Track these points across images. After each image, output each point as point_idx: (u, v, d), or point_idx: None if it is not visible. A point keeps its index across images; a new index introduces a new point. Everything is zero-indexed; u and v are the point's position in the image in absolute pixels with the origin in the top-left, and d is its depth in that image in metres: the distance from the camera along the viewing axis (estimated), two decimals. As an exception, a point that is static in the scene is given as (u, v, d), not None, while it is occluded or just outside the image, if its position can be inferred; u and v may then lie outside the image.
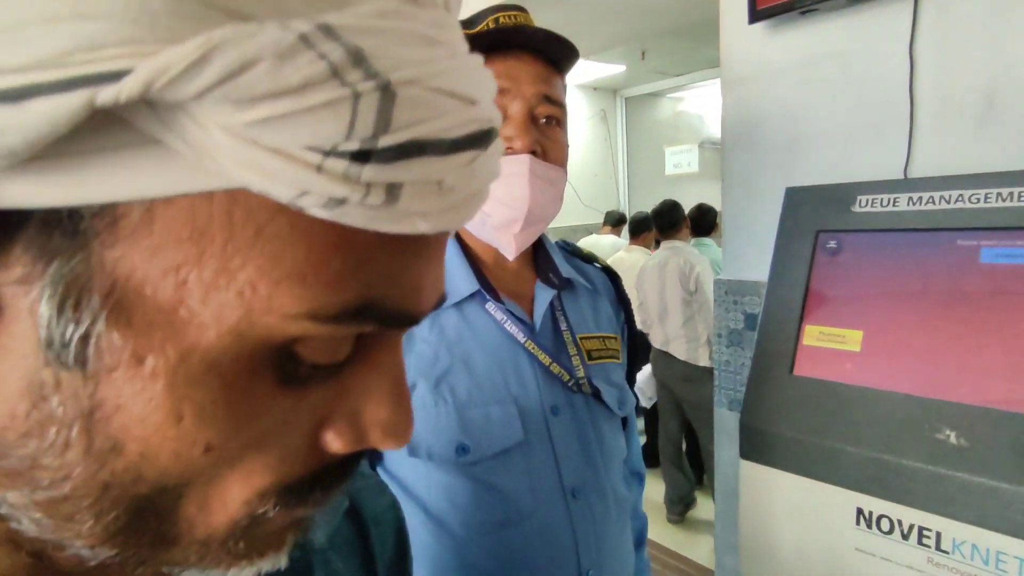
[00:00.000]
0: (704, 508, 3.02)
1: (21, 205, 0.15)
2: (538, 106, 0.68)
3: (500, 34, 0.67)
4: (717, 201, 3.23)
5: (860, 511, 0.77)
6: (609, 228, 4.21)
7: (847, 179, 1.09)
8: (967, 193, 0.82)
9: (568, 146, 0.75)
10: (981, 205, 0.80)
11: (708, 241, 3.24)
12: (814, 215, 0.94)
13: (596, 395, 0.74)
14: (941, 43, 1.05)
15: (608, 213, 4.42)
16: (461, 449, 0.66)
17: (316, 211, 0.16)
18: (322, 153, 0.15)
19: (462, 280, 0.71)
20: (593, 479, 0.72)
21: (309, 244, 0.17)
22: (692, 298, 2.71)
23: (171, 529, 0.20)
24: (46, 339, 0.16)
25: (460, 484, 0.67)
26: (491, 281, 0.73)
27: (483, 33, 0.67)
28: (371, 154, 0.16)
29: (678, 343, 2.76)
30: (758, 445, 0.88)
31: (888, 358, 0.80)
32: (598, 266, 0.89)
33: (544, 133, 0.69)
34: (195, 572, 0.21)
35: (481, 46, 0.66)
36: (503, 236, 0.69)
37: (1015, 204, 0.78)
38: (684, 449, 3.05)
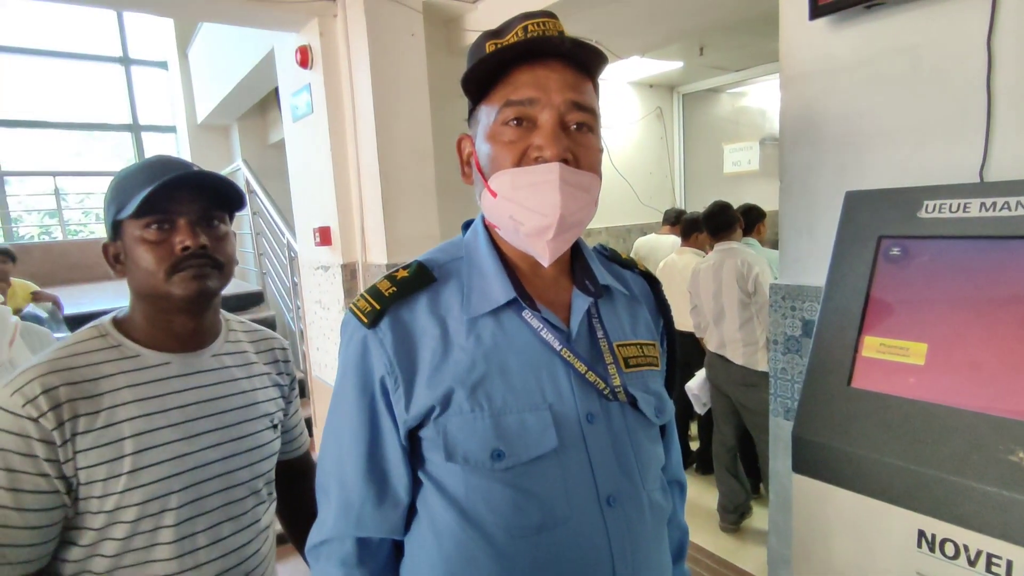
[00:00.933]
0: (759, 517, 2.93)
1: None
2: (568, 113, 0.68)
3: (527, 44, 0.67)
4: (776, 201, 3.14)
5: (922, 533, 0.74)
6: (669, 228, 4.05)
7: (913, 182, 1.03)
8: (1049, 197, 0.76)
9: (603, 151, 0.74)
10: (1065, 210, 0.74)
11: (752, 241, 3.13)
12: (876, 220, 0.90)
13: (632, 403, 0.73)
14: (1023, 35, 0.98)
15: (667, 212, 4.29)
16: (496, 455, 0.67)
17: None
18: None
19: (499, 288, 0.72)
20: (629, 488, 0.72)
21: None
22: (751, 300, 2.62)
23: None
24: None
25: (496, 489, 0.68)
26: (528, 289, 0.74)
27: (510, 46, 0.68)
28: None
29: (735, 347, 2.68)
30: (812, 458, 0.85)
31: (956, 373, 0.75)
32: (638, 271, 0.88)
33: (575, 140, 0.69)
34: None
35: (509, 57, 0.68)
36: (536, 244, 0.69)
37: (1104, 209, 0.72)
38: (739, 456, 2.96)
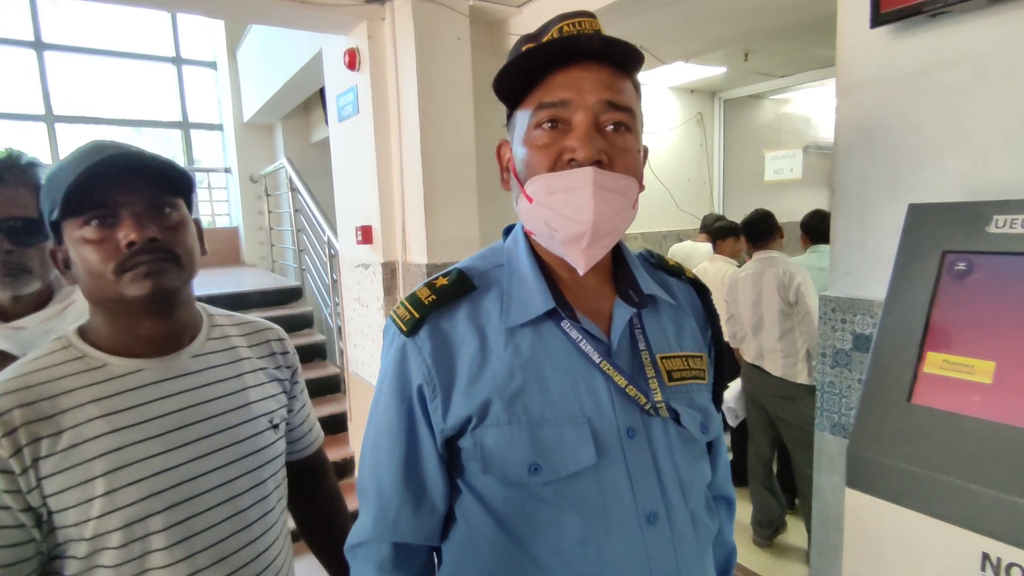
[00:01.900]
0: (794, 533, 2.87)
1: None
2: (603, 113, 0.65)
3: (555, 45, 0.65)
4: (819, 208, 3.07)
5: (986, 556, 0.72)
6: (705, 236, 3.97)
7: (975, 196, 1.00)
8: None
9: (642, 151, 0.72)
10: None
11: (825, 248, 3.08)
12: (941, 234, 0.88)
13: (676, 419, 0.71)
14: (1101, 46, 0.95)
15: (705, 218, 4.22)
16: (534, 469, 0.66)
17: None
18: None
19: (538, 298, 0.70)
20: (671, 505, 0.70)
21: None
22: (792, 310, 2.57)
23: None
24: None
25: (534, 503, 0.67)
26: (569, 298, 0.72)
27: (539, 47, 0.65)
28: None
29: (773, 358, 2.64)
30: (869, 474, 0.83)
31: (1025, 393, 0.73)
32: (686, 279, 0.85)
33: (611, 141, 0.66)
34: None
35: (540, 59, 0.66)
36: (572, 251, 0.67)
37: None
38: (775, 470, 2.90)
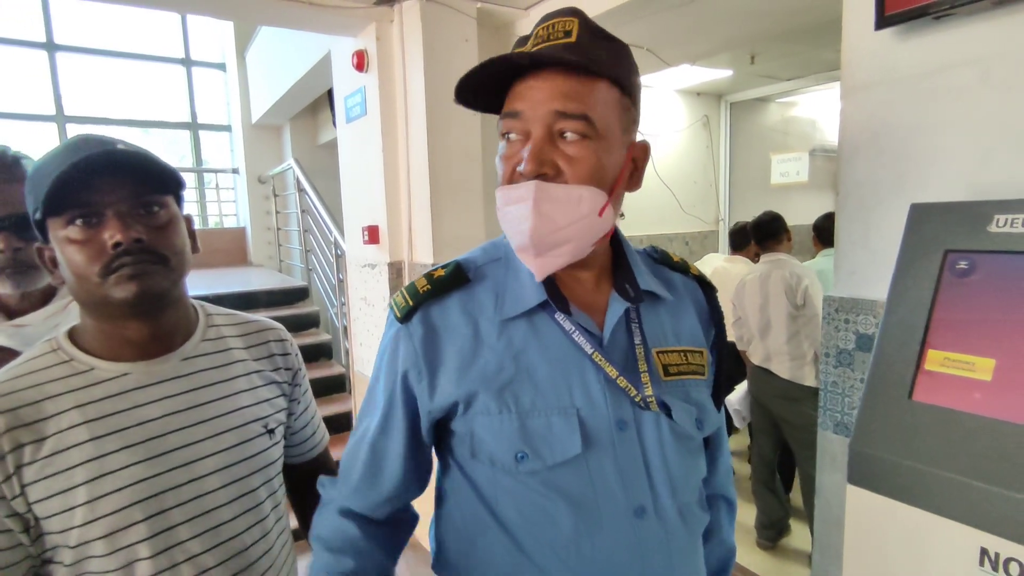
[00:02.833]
0: (797, 535, 2.86)
1: None
2: (556, 123, 0.64)
3: (493, 64, 0.66)
4: (823, 212, 3.06)
5: (984, 551, 0.72)
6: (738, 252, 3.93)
7: (977, 196, 1.01)
8: None
9: (603, 157, 0.66)
10: None
11: (832, 252, 3.08)
12: (943, 233, 0.89)
13: (668, 413, 0.71)
14: (1104, 48, 0.95)
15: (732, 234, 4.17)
16: (520, 456, 0.67)
17: None
18: None
19: (531, 291, 0.71)
20: (661, 499, 0.70)
21: None
22: (799, 313, 2.57)
23: None
24: None
25: (523, 492, 0.68)
26: (565, 292, 0.73)
27: (479, 68, 0.66)
28: None
29: (780, 360, 2.63)
30: (870, 471, 0.84)
31: (1025, 390, 0.74)
32: (692, 276, 0.85)
33: (565, 150, 0.64)
34: None
35: (477, 80, 0.68)
36: (525, 259, 0.69)
37: None
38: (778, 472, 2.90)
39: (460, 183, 2.63)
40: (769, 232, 2.78)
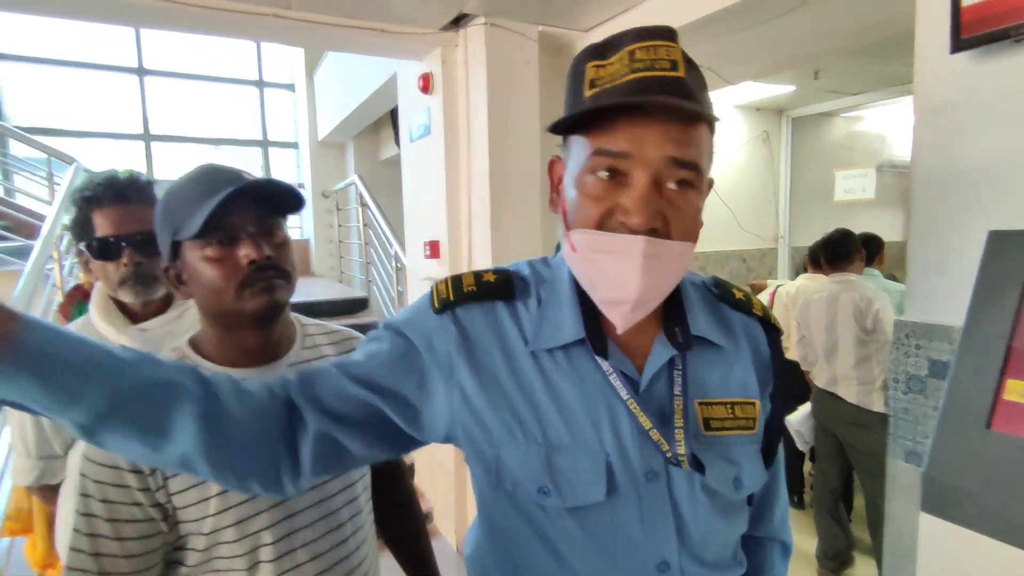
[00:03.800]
0: (861, 567, 2.75)
1: None
2: (666, 170, 0.59)
3: (626, 100, 0.57)
4: (894, 231, 2.95)
5: (1069, 588, 0.71)
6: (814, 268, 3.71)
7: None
8: None
9: (700, 207, 0.64)
10: None
11: (875, 272, 2.97)
12: (1022, 262, 0.87)
13: (701, 471, 0.65)
14: None
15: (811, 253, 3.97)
16: (543, 491, 0.64)
17: None
18: None
19: (570, 325, 0.67)
20: (687, 556, 0.66)
21: None
22: (869, 337, 2.48)
23: None
24: None
25: (544, 526, 0.66)
26: (605, 328, 0.67)
27: (607, 98, 0.58)
28: None
29: (848, 384, 2.55)
30: (946, 500, 0.83)
31: (1113, 424, 0.72)
32: (756, 317, 0.75)
33: (671, 200, 0.60)
34: None
35: (599, 112, 0.58)
36: (611, 312, 0.64)
37: None
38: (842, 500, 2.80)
39: (519, 201, 2.69)
40: (841, 251, 2.68)
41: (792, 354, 2.93)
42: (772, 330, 0.76)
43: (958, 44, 1.15)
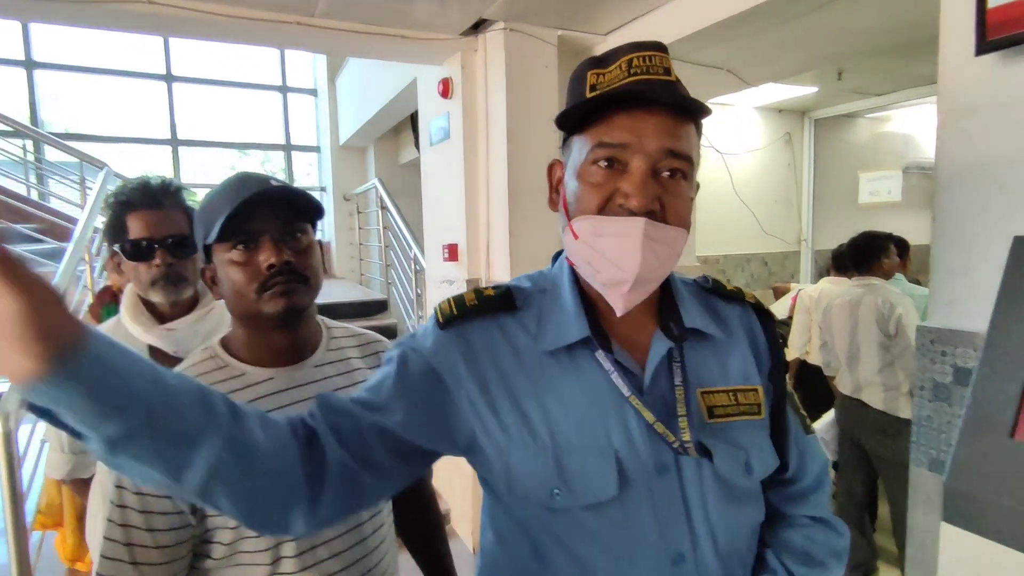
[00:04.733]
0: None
1: None
2: (661, 160, 0.64)
3: (625, 93, 0.64)
4: (921, 234, 2.89)
5: (1095, 602, 0.69)
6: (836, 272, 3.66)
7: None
8: None
9: (694, 199, 0.70)
10: None
11: (899, 276, 2.91)
12: (1050, 268, 0.86)
13: (709, 458, 0.67)
14: None
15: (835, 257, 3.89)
16: (554, 493, 0.66)
17: None
18: None
19: (574, 325, 0.69)
20: (701, 547, 0.67)
21: None
22: (892, 342, 2.44)
23: None
24: None
25: (556, 532, 0.67)
26: (608, 328, 0.71)
27: (608, 93, 0.65)
28: None
29: (872, 390, 2.50)
30: (967, 510, 0.81)
31: None
32: (748, 304, 0.80)
33: (666, 187, 0.65)
34: None
35: (604, 100, 0.64)
36: (611, 294, 0.67)
37: None
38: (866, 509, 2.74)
39: (537, 205, 2.70)
40: (865, 255, 2.63)
41: (814, 359, 2.89)
42: (765, 314, 0.80)
43: (983, 46, 1.13)
